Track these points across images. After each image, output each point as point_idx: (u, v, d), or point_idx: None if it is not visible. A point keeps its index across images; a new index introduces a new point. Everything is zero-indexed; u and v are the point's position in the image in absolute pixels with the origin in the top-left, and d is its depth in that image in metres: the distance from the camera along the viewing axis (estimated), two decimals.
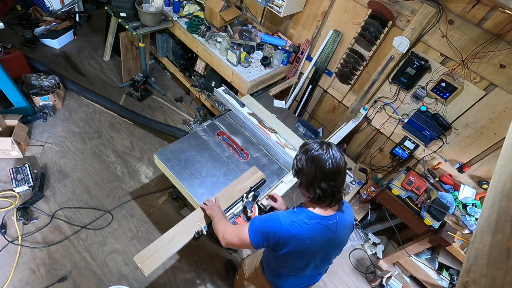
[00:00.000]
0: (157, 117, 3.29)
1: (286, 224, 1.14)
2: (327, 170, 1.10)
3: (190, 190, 1.80)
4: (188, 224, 1.61)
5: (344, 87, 2.78)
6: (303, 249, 1.18)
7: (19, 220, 2.24)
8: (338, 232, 1.22)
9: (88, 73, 3.50)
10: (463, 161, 2.32)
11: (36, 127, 2.84)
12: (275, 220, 1.17)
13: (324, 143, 1.16)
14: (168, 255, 1.49)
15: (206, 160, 1.98)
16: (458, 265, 2.31)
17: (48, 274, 2.08)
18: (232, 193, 1.76)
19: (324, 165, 1.10)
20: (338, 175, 1.12)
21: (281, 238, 1.15)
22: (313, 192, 1.14)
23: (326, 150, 1.12)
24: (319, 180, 1.12)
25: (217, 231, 1.39)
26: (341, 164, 1.13)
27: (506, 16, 1.77)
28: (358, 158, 3.07)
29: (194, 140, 2.07)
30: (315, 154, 1.12)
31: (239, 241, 1.26)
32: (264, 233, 1.18)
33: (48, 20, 3.55)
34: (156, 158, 1.91)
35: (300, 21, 2.83)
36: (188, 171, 1.88)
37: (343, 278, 2.62)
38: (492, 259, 0.49)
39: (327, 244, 1.23)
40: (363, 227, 2.93)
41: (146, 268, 1.42)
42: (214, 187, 1.85)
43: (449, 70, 2.11)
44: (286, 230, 1.14)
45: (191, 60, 3.32)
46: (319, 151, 1.12)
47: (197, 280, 2.30)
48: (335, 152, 1.13)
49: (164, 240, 1.53)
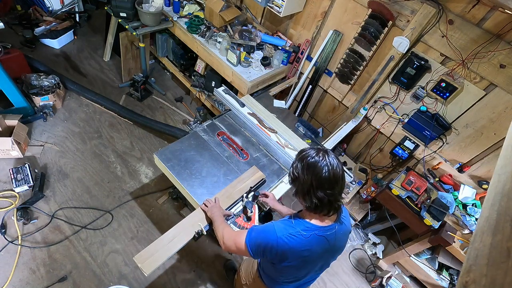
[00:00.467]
0: (157, 117, 3.29)
1: (283, 237, 1.11)
2: (324, 178, 1.06)
3: (190, 190, 1.80)
4: (188, 224, 1.60)
5: (344, 87, 2.78)
6: (301, 261, 1.17)
7: (19, 220, 2.24)
8: (337, 241, 1.21)
9: (88, 73, 3.50)
10: (463, 161, 2.32)
11: (36, 127, 2.84)
12: (272, 233, 1.13)
13: (321, 150, 1.12)
14: (168, 255, 1.49)
15: (206, 160, 1.98)
16: (458, 265, 2.30)
17: (48, 274, 2.08)
18: (232, 193, 1.76)
19: (320, 172, 1.06)
20: (335, 183, 1.08)
21: (278, 252, 1.12)
22: (310, 201, 1.10)
23: (323, 157, 1.08)
24: (315, 188, 1.07)
25: (217, 235, 1.40)
26: (338, 172, 1.08)
27: (506, 16, 1.77)
28: (358, 158, 3.07)
29: (194, 140, 2.07)
30: (311, 161, 1.08)
31: (237, 249, 1.26)
32: (261, 246, 1.16)
33: (48, 20, 3.55)
34: (156, 158, 1.91)
35: (300, 21, 2.83)
36: (188, 171, 1.88)
37: (343, 278, 2.62)
38: (492, 259, 0.49)
39: (325, 254, 1.21)
40: (363, 227, 2.93)
41: (146, 268, 1.42)
42: (214, 187, 1.85)
43: (449, 70, 2.11)
44: (284, 243, 1.11)
45: (191, 60, 3.32)
46: (315, 158, 1.08)
47: (197, 280, 2.30)
48: (332, 160, 1.09)
49: (164, 240, 1.52)
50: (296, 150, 2.22)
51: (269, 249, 1.14)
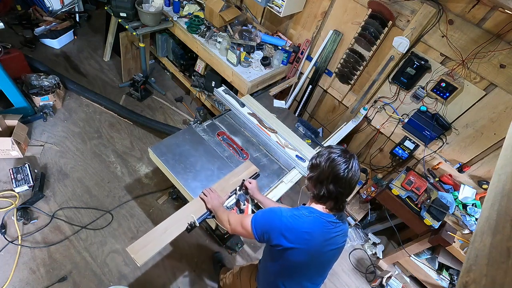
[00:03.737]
0: (157, 117, 3.29)
1: (287, 216, 1.19)
2: (340, 176, 1.15)
3: (184, 183, 1.82)
4: (181, 216, 1.62)
5: (344, 87, 2.78)
6: (301, 246, 1.18)
7: (19, 220, 2.24)
8: (337, 236, 1.24)
9: (88, 73, 3.50)
10: (463, 161, 2.32)
11: (36, 127, 2.84)
12: (277, 213, 1.21)
13: (349, 152, 1.21)
14: (161, 246, 1.50)
15: (200, 154, 2.00)
16: (458, 265, 2.30)
17: (48, 274, 2.08)
18: (226, 187, 1.78)
19: (340, 170, 1.15)
20: (348, 185, 1.16)
21: (282, 229, 1.18)
22: (319, 190, 1.19)
23: (348, 159, 1.17)
24: (329, 181, 1.16)
25: (222, 222, 1.47)
26: (355, 177, 1.17)
27: (506, 16, 1.77)
28: (358, 158, 3.06)
29: (188, 135, 2.09)
30: (336, 157, 1.17)
31: (242, 228, 1.31)
32: (266, 225, 1.22)
33: (48, 20, 3.55)
34: (151, 152, 1.92)
35: (300, 21, 2.83)
36: (182, 165, 1.90)
37: (343, 278, 2.62)
38: (492, 259, 0.49)
39: (325, 247, 1.22)
40: (363, 227, 2.93)
41: (139, 259, 1.43)
42: (208, 180, 1.87)
43: (449, 70, 2.11)
44: (287, 221, 1.18)
45: (191, 60, 3.32)
46: (341, 157, 1.17)
47: (197, 280, 2.30)
48: (355, 165, 1.17)
49: (157, 231, 1.53)
50: (296, 150, 2.22)
51: (273, 227, 1.20)
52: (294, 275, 1.29)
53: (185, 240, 2.47)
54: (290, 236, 1.17)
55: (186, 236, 2.48)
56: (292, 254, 1.20)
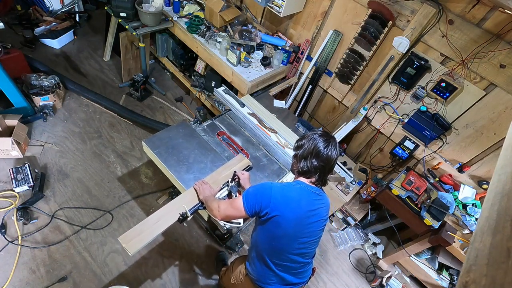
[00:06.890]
0: (157, 117, 3.29)
1: (277, 187, 1.34)
2: (322, 152, 1.33)
3: (177, 175, 1.83)
4: (173, 207, 1.63)
5: (344, 87, 2.78)
6: (289, 214, 1.30)
7: (19, 220, 2.24)
8: (320, 204, 1.39)
9: (88, 73, 3.50)
10: (463, 161, 2.32)
11: (36, 127, 2.84)
12: (268, 184, 1.36)
13: (329, 135, 1.40)
14: (152, 236, 1.51)
15: (193, 147, 2.01)
16: (458, 265, 2.30)
17: (48, 274, 2.08)
18: (218, 179, 1.79)
19: (320, 147, 1.34)
20: (328, 161, 1.35)
21: (272, 197, 1.31)
22: (303, 164, 1.36)
23: (328, 139, 1.36)
24: (312, 156, 1.34)
25: (212, 209, 1.52)
26: (333, 155, 1.35)
27: (506, 16, 1.77)
28: (358, 158, 3.07)
29: (182, 128, 2.11)
30: (317, 137, 1.36)
31: (233, 208, 1.40)
32: (257, 195, 1.34)
33: (48, 20, 3.55)
34: (144, 145, 1.93)
35: (300, 21, 2.83)
36: (175, 158, 1.92)
37: (343, 278, 2.62)
38: (492, 259, 0.49)
39: (309, 214, 1.35)
40: (363, 227, 2.93)
41: (131, 248, 1.44)
42: (201, 173, 1.88)
43: (449, 70, 2.11)
44: (277, 189, 1.33)
45: (191, 60, 3.32)
46: (322, 137, 1.36)
47: (197, 280, 2.30)
48: (335, 144, 1.37)
49: (149, 222, 1.54)
50: None
51: (264, 196, 1.32)
52: (282, 251, 1.37)
53: (185, 240, 2.47)
54: (279, 203, 1.30)
55: (187, 236, 2.49)
56: (279, 223, 1.31)
